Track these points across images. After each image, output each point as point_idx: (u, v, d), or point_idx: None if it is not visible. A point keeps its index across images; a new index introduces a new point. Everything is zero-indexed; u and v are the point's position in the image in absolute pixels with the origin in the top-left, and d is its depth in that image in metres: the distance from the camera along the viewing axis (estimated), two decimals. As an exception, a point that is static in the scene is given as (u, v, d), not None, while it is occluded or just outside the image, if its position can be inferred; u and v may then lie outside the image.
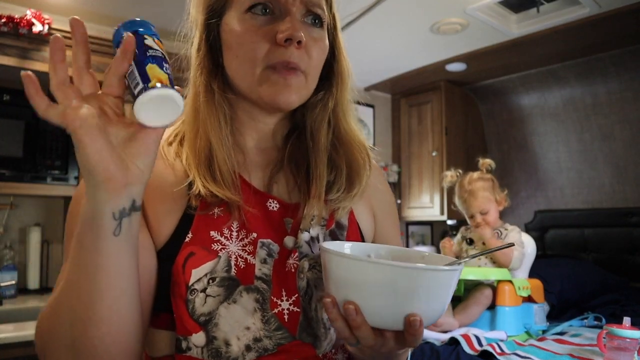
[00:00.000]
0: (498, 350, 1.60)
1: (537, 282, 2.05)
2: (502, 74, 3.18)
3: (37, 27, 2.01)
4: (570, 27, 2.39)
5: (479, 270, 1.95)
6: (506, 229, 2.11)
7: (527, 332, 1.91)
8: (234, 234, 0.63)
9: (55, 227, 2.61)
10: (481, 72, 3.16)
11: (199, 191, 0.62)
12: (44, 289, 2.44)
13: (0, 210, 2.39)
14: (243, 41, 0.62)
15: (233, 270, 0.61)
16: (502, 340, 1.73)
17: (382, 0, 2.17)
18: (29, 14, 2.01)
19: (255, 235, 0.64)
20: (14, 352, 1.69)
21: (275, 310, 0.62)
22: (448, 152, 3.28)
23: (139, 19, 0.53)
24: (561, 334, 1.92)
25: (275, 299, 0.62)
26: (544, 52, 2.75)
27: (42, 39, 2.05)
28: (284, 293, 0.63)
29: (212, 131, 0.65)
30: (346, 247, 0.65)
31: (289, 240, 0.66)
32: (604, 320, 2.05)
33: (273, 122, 0.71)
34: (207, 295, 0.59)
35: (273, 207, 0.67)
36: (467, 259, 0.62)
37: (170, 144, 0.69)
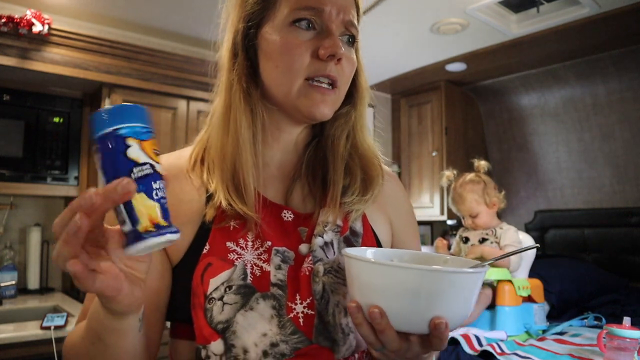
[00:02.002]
0: (498, 350, 1.60)
1: (537, 282, 2.05)
2: (502, 74, 3.18)
3: (37, 27, 2.00)
4: (570, 27, 2.40)
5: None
6: (501, 228, 2.11)
7: (527, 332, 1.91)
8: (249, 243, 0.65)
9: (55, 227, 2.61)
10: (481, 72, 3.16)
11: (220, 203, 0.64)
12: (44, 289, 2.44)
13: (0, 210, 2.39)
14: (286, 52, 0.64)
15: (249, 278, 0.63)
16: (502, 340, 1.73)
17: (382, 0, 2.17)
18: (29, 14, 2.01)
19: (269, 243, 0.65)
20: (14, 352, 1.69)
21: (291, 315, 0.63)
22: (448, 152, 3.28)
23: (125, 106, 0.41)
24: (561, 334, 1.92)
25: (290, 304, 0.63)
26: (544, 52, 2.75)
27: (42, 39, 2.03)
28: (297, 297, 0.64)
29: (245, 140, 0.65)
30: (368, 252, 0.66)
31: (303, 247, 0.67)
32: (604, 320, 2.05)
33: (297, 132, 0.73)
34: (224, 303, 0.61)
35: (288, 218, 0.70)
36: (490, 262, 0.62)
37: (193, 168, 0.70)
